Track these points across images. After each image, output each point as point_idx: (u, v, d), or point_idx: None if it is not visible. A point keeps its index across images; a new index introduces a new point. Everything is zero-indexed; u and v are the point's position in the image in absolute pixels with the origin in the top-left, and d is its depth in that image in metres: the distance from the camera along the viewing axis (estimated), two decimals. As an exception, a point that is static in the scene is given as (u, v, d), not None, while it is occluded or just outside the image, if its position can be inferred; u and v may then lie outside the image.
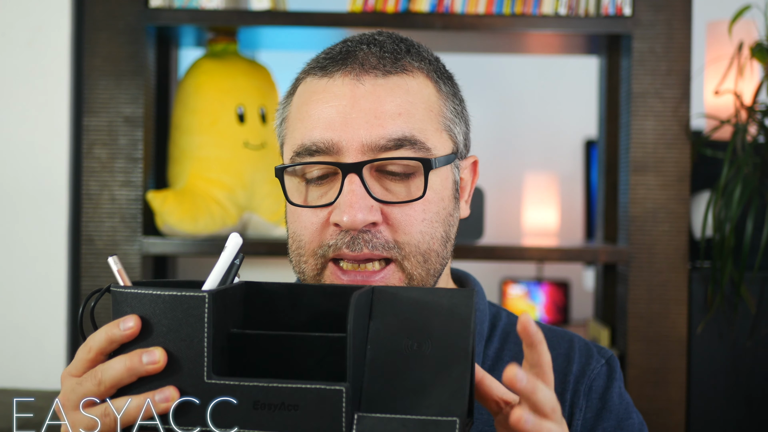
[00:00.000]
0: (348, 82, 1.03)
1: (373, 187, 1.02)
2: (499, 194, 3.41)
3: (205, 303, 0.80)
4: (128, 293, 0.83)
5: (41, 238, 2.05)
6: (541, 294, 3.10)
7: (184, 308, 0.81)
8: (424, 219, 1.03)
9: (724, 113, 2.03)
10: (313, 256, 1.04)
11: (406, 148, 1.02)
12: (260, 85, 2.08)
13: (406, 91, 1.04)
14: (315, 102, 1.05)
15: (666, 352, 1.91)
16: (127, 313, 0.82)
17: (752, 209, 1.89)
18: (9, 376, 2.04)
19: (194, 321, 0.80)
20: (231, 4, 1.99)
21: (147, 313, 0.82)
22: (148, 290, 0.82)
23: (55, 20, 2.06)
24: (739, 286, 1.90)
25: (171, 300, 0.81)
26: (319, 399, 0.78)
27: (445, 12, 1.95)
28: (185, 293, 0.81)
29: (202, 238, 1.97)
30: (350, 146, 1.01)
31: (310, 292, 0.89)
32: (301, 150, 1.04)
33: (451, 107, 1.08)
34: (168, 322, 0.81)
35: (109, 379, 0.83)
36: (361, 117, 1.01)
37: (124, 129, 1.96)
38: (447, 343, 0.81)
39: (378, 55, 1.05)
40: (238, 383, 0.80)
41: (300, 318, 0.88)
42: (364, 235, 1.01)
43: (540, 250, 2.04)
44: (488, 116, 3.51)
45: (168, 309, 0.81)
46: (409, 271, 1.02)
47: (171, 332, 0.81)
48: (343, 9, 1.99)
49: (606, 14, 1.94)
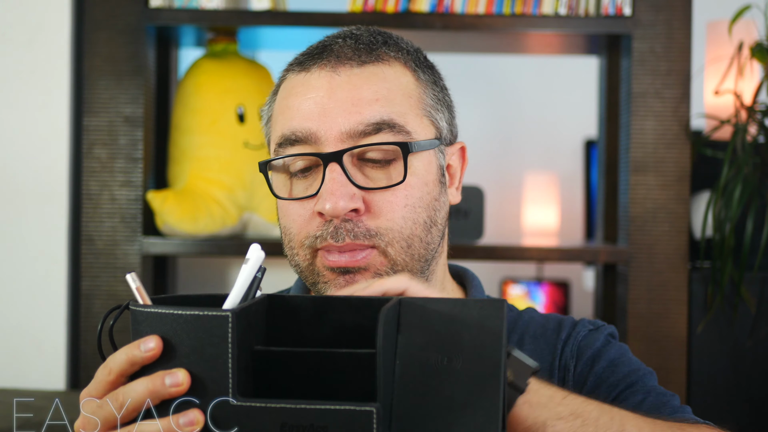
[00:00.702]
0: (324, 74, 1.05)
1: (355, 175, 1.03)
2: (499, 194, 3.41)
3: (229, 322, 0.77)
4: (149, 313, 0.80)
5: (41, 238, 2.05)
6: (541, 294, 3.10)
7: (206, 328, 0.78)
8: (406, 204, 1.03)
9: (724, 113, 2.03)
10: (302, 248, 1.05)
11: (384, 131, 1.02)
12: (260, 85, 2.08)
13: (383, 78, 1.05)
14: (294, 96, 1.06)
15: (666, 352, 1.91)
16: (147, 333, 0.80)
17: (752, 209, 1.89)
18: (9, 376, 2.04)
19: (218, 341, 0.77)
20: (231, 4, 1.99)
21: (168, 333, 0.79)
22: (169, 309, 0.79)
23: (55, 20, 2.05)
24: (739, 286, 1.90)
25: (193, 320, 0.78)
26: (348, 420, 0.75)
27: (445, 12, 1.95)
28: (208, 313, 0.78)
29: (202, 238, 1.97)
30: (329, 135, 1.02)
31: (335, 304, 0.87)
32: (281, 141, 1.05)
33: (431, 94, 1.09)
34: (190, 342, 0.78)
35: (132, 403, 0.80)
36: (338, 106, 1.03)
37: (124, 129, 1.96)
38: (478, 357, 0.79)
39: (353, 47, 1.06)
40: (265, 405, 0.77)
41: (324, 331, 0.86)
42: (346, 225, 1.01)
43: (540, 250, 2.04)
44: (488, 116, 3.51)
45: (190, 329, 0.78)
46: (392, 257, 1.03)
47: (194, 353, 0.78)
48: (343, 9, 1.99)
49: (606, 14, 1.94)
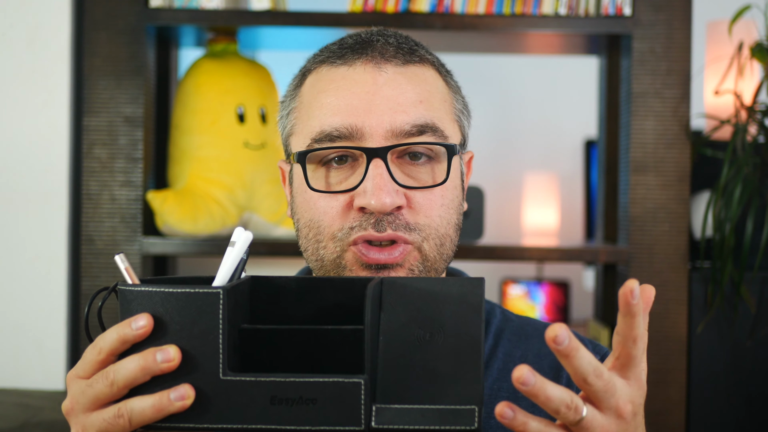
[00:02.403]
0: (369, 70, 1.05)
1: (395, 172, 1.03)
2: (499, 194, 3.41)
3: (220, 299, 0.79)
4: (138, 291, 0.81)
5: (41, 238, 2.05)
6: (541, 294, 3.10)
7: (197, 305, 0.79)
8: (442, 204, 1.05)
9: (724, 113, 2.03)
10: (332, 240, 1.04)
11: (427, 134, 1.04)
12: (260, 85, 2.08)
13: (424, 80, 1.07)
14: (335, 89, 1.05)
15: (666, 352, 1.91)
16: (137, 312, 0.80)
17: (752, 209, 1.89)
18: (9, 376, 2.04)
19: (209, 318, 0.79)
20: (231, 4, 1.99)
21: (158, 311, 0.80)
22: (160, 288, 0.80)
23: (55, 20, 2.05)
24: (739, 286, 1.90)
25: (184, 297, 0.79)
26: (337, 392, 0.78)
27: (445, 12, 1.95)
28: (199, 290, 0.80)
29: (202, 238, 1.97)
30: (374, 132, 1.03)
31: (318, 284, 0.89)
32: (321, 136, 1.04)
33: (459, 100, 1.12)
34: (180, 319, 0.80)
35: (123, 380, 0.80)
36: (384, 103, 1.03)
37: (124, 129, 1.96)
38: (459, 332, 0.81)
39: (395, 45, 1.07)
40: (255, 379, 0.79)
41: (307, 311, 0.88)
42: (388, 217, 1.02)
43: (540, 250, 2.04)
44: (488, 116, 3.51)
45: (181, 306, 0.80)
46: (426, 252, 1.04)
47: (184, 330, 0.80)
48: (343, 9, 1.99)
49: (606, 14, 1.94)
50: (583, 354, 0.76)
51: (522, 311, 2.94)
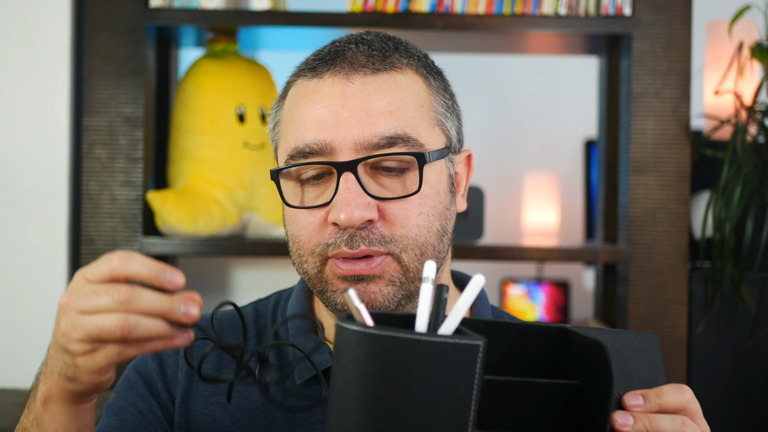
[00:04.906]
0: (338, 82, 1.04)
1: (369, 184, 1.02)
2: (499, 194, 3.41)
3: (479, 352, 0.72)
4: (384, 336, 0.71)
5: (41, 238, 2.05)
6: (541, 294, 3.09)
7: (452, 357, 0.71)
8: (420, 213, 1.03)
9: (724, 113, 2.03)
10: (311, 255, 1.04)
11: (398, 145, 1.02)
12: (260, 85, 2.08)
13: (396, 88, 1.04)
14: (306, 104, 1.05)
15: (666, 352, 1.91)
16: (370, 360, 0.71)
17: (752, 209, 1.89)
18: (9, 376, 2.04)
19: (463, 370, 0.71)
20: (231, 4, 1.99)
21: (392, 358, 0.71)
22: (405, 335, 0.71)
23: (54, 20, 2.06)
24: (739, 286, 1.90)
25: (433, 346, 0.71)
26: None
27: (445, 12, 1.95)
28: (459, 341, 0.71)
29: (202, 238, 1.97)
30: (343, 145, 1.01)
31: (506, 329, 0.84)
32: (294, 153, 1.04)
33: (441, 102, 1.09)
34: (419, 371, 0.71)
35: (136, 307, 0.80)
36: (352, 116, 1.02)
37: (124, 129, 1.96)
38: (646, 386, 0.83)
39: (366, 54, 1.05)
40: None
41: (492, 357, 0.82)
42: (361, 232, 1.01)
43: (540, 250, 2.04)
44: (488, 116, 3.51)
45: (429, 357, 0.71)
46: (406, 264, 1.03)
47: (426, 382, 0.71)
48: (343, 9, 1.99)
49: (606, 14, 1.94)
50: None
51: (522, 311, 2.94)
